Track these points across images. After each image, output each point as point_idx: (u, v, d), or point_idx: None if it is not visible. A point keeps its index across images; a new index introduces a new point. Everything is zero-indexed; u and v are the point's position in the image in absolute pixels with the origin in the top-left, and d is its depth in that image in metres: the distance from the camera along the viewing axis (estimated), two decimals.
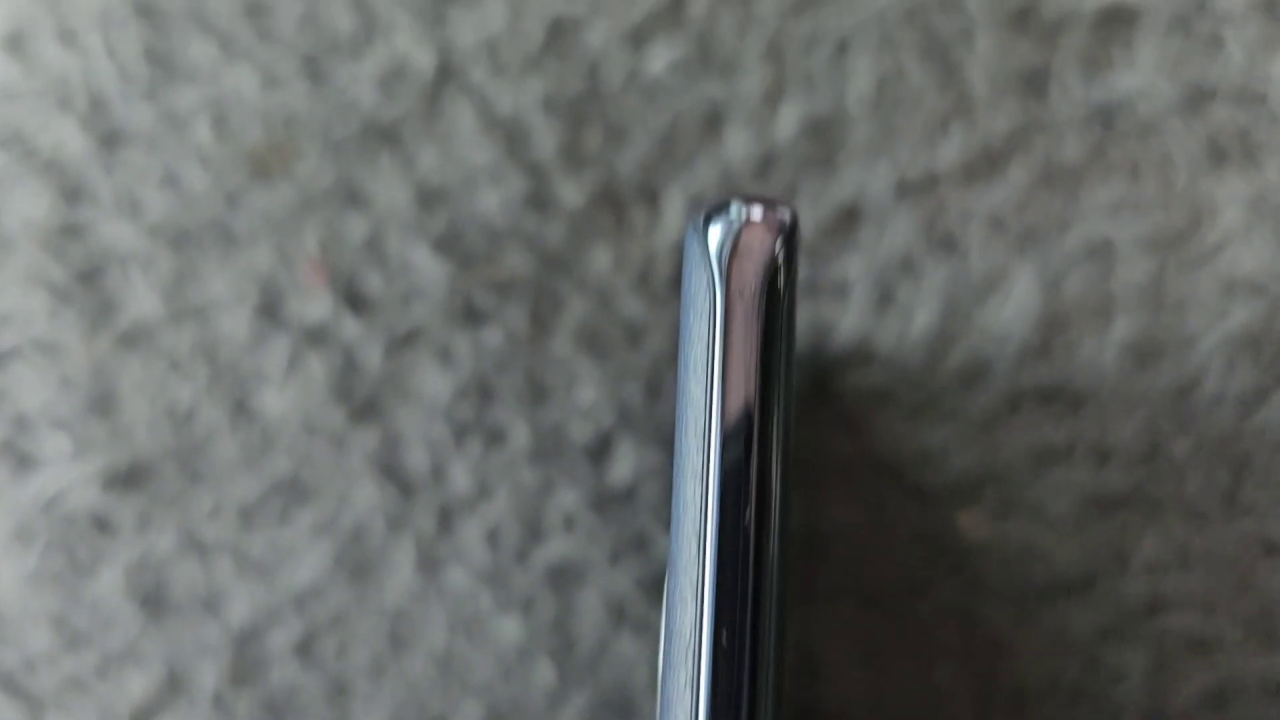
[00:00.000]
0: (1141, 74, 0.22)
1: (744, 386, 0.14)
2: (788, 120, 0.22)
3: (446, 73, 0.22)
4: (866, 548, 0.22)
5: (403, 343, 0.22)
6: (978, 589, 0.22)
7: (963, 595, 0.22)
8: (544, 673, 0.22)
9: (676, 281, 0.22)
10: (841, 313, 0.22)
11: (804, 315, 0.22)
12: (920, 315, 0.22)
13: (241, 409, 0.22)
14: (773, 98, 0.22)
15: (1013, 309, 0.22)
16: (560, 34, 0.22)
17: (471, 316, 0.22)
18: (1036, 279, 0.22)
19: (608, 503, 0.22)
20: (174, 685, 0.22)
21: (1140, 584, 0.22)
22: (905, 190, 0.22)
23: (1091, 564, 0.22)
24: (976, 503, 0.22)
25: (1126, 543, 0.22)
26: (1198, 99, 0.22)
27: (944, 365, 0.22)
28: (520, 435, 0.22)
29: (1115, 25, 0.22)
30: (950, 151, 0.22)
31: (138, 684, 0.22)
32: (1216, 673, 0.22)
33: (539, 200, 0.22)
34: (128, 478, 0.22)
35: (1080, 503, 0.22)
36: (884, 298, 0.22)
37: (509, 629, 0.22)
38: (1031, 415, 0.22)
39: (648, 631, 0.22)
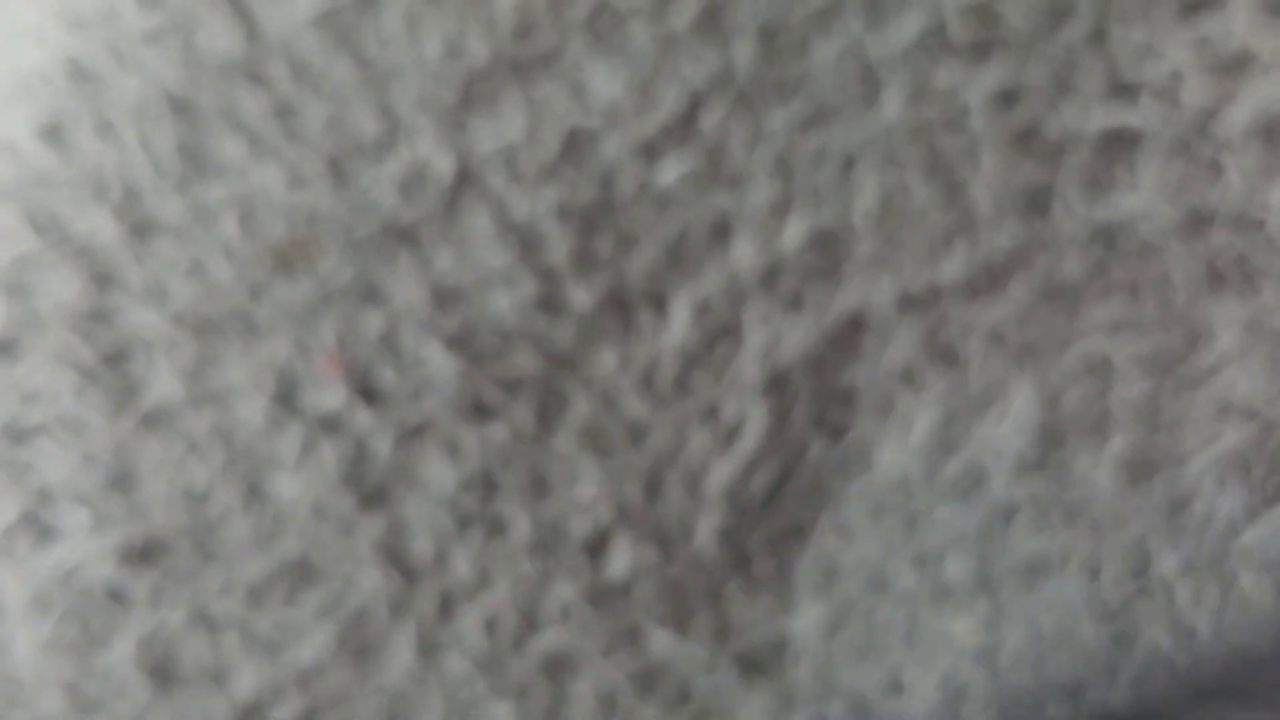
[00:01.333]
0: (1143, 195, 0.23)
1: None
2: (794, 232, 0.23)
3: (465, 178, 0.23)
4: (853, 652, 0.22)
5: (412, 435, 0.23)
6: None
7: None
8: None
9: (681, 383, 0.23)
10: (845, 418, 0.23)
11: (810, 419, 0.23)
12: (919, 425, 0.23)
13: (255, 492, 0.23)
14: (780, 210, 0.23)
15: (1011, 422, 0.22)
16: (576, 145, 0.23)
17: (480, 412, 0.23)
18: (1035, 393, 0.22)
19: (603, 596, 0.23)
20: None
21: (1127, 695, 0.22)
22: (908, 303, 0.23)
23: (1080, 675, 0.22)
24: (968, 613, 0.22)
25: (1115, 655, 0.22)
26: (1197, 222, 0.23)
27: (941, 475, 0.22)
28: (521, 527, 0.23)
29: (1118, 147, 0.23)
30: (953, 266, 0.23)
31: None
32: None
33: (550, 303, 0.23)
34: (143, 553, 0.23)
35: (1071, 614, 0.22)
36: (885, 407, 0.23)
37: (502, 715, 0.23)
38: (1026, 527, 0.22)
39: None
